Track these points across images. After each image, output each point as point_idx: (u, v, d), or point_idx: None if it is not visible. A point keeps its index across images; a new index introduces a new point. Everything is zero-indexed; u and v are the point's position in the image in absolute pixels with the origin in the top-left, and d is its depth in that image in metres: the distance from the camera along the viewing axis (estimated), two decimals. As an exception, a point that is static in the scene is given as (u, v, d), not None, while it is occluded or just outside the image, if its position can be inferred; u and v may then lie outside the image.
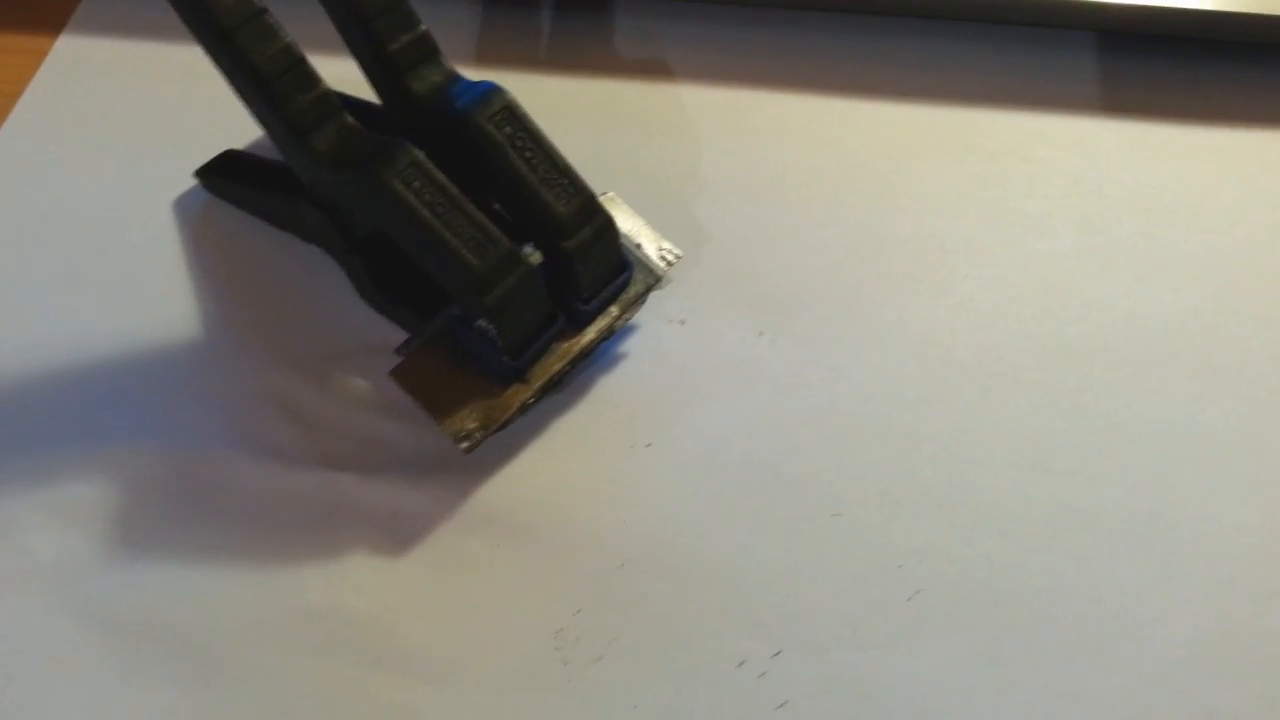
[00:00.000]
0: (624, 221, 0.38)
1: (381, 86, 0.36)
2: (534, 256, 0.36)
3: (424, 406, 0.34)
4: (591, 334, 0.36)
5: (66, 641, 0.33)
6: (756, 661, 0.32)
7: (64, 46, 0.47)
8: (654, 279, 0.38)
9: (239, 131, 0.42)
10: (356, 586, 0.34)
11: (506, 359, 0.34)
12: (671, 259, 0.38)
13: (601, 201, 0.35)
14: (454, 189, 0.33)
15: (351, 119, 0.34)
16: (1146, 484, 0.35)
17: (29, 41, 0.47)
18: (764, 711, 0.32)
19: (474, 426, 0.34)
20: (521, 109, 0.35)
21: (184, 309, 0.39)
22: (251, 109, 0.35)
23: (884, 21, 0.47)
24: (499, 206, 0.36)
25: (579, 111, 0.44)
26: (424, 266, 0.34)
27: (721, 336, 0.38)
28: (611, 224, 0.36)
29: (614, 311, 0.37)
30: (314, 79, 0.34)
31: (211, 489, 0.35)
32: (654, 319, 0.39)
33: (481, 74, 0.36)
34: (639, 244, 0.38)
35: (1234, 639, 0.33)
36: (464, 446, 0.34)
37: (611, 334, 0.37)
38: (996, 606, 0.33)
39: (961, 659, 0.32)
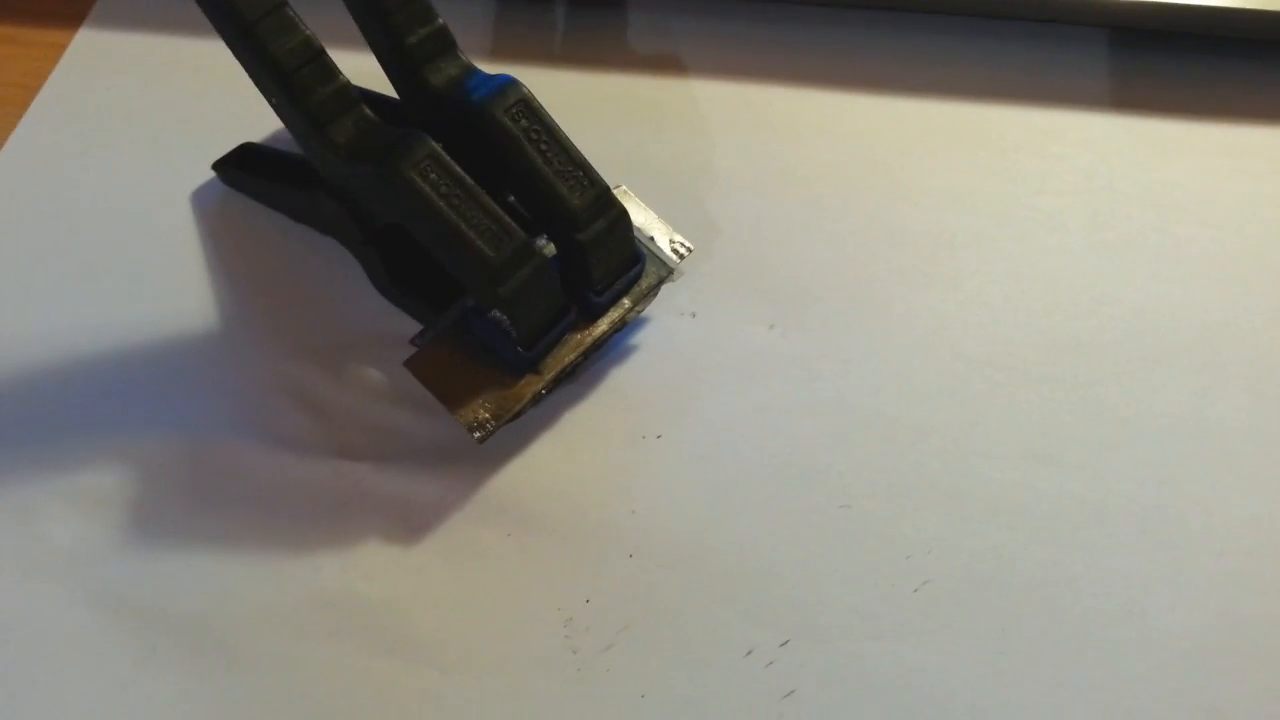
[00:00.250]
0: (637, 214, 0.38)
1: (399, 79, 0.37)
2: (548, 248, 0.36)
3: (437, 397, 0.34)
4: (604, 326, 0.37)
5: (82, 627, 0.33)
6: (765, 651, 0.33)
7: (83, 41, 0.47)
8: (666, 271, 0.38)
9: (256, 124, 0.43)
10: (369, 574, 0.34)
11: (520, 350, 0.35)
12: (684, 252, 0.38)
13: (615, 194, 0.36)
14: (470, 181, 0.33)
15: (369, 112, 0.35)
16: (1154, 477, 0.35)
17: (48, 35, 0.47)
18: (772, 700, 0.32)
19: (487, 417, 0.34)
20: (537, 102, 0.35)
21: (200, 300, 0.40)
22: (271, 101, 0.35)
23: (896, 17, 0.47)
24: (514, 199, 0.36)
25: (593, 105, 0.45)
26: (439, 258, 0.34)
27: (732, 329, 0.39)
28: (625, 216, 0.36)
29: (626, 303, 0.37)
30: (333, 72, 0.34)
31: (226, 477, 0.36)
32: (666, 311, 0.39)
33: (497, 68, 0.36)
34: (651, 237, 0.38)
35: (1240, 631, 0.33)
36: (477, 436, 0.34)
37: (624, 326, 0.37)
38: (1004, 598, 0.33)
39: (969, 650, 0.32)
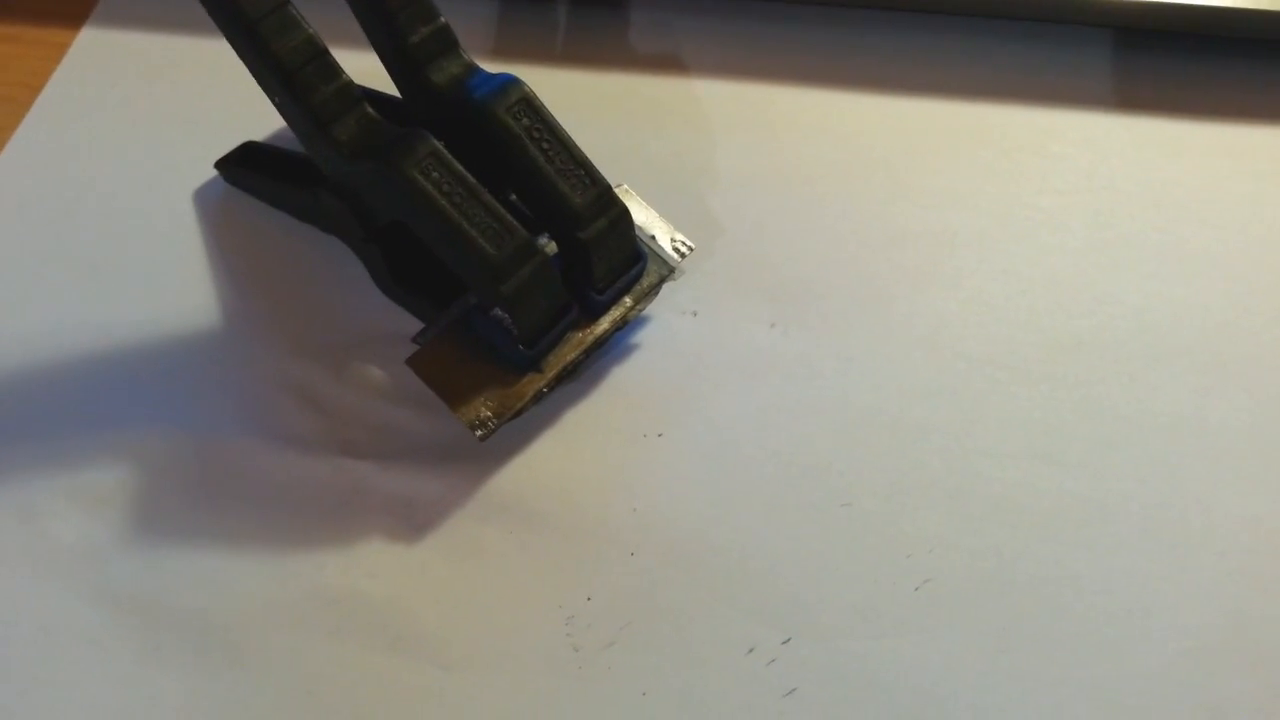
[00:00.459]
0: (638, 213, 0.38)
1: (401, 78, 0.37)
2: (549, 247, 0.36)
3: (440, 395, 0.34)
4: (605, 324, 0.37)
5: (85, 624, 0.33)
6: (766, 649, 0.33)
7: (85, 40, 0.47)
8: (667, 270, 0.38)
9: (258, 123, 0.43)
10: (372, 572, 0.34)
11: (521, 348, 0.35)
12: (685, 250, 0.38)
13: (616, 193, 0.36)
14: (472, 179, 0.33)
15: (372, 110, 0.35)
16: (1155, 476, 0.35)
17: (51, 35, 0.47)
18: (772, 698, 0.32)
19: (489, 415, 0.35)
20: (539, 101, 0.35)
21: (203, 298, 0.40)
22: (273, 99, 0.35)
23: (898, 17, 0.47)
24: (515, 197, 0.36)
25: (595, 104, 0.45)
26: (441, 256, 0.34)
27: (734, 328, 0.39)
28: (626, 215, 0.36)
29: (628, 302, 0.37)
30: (336, 70, 0.34)
31: (229, 475, 0.36)
32: (667, 310, 0.39)
33: (499, 67, 0.36)
34: (653, 235, 0.38)
35: (1242, 630, 0.33)
36: (479, 434, 0.34)
37: (625, 324, 0.37)
38: (1005, 597, 0.33)
39: (969, 648, 0.32)
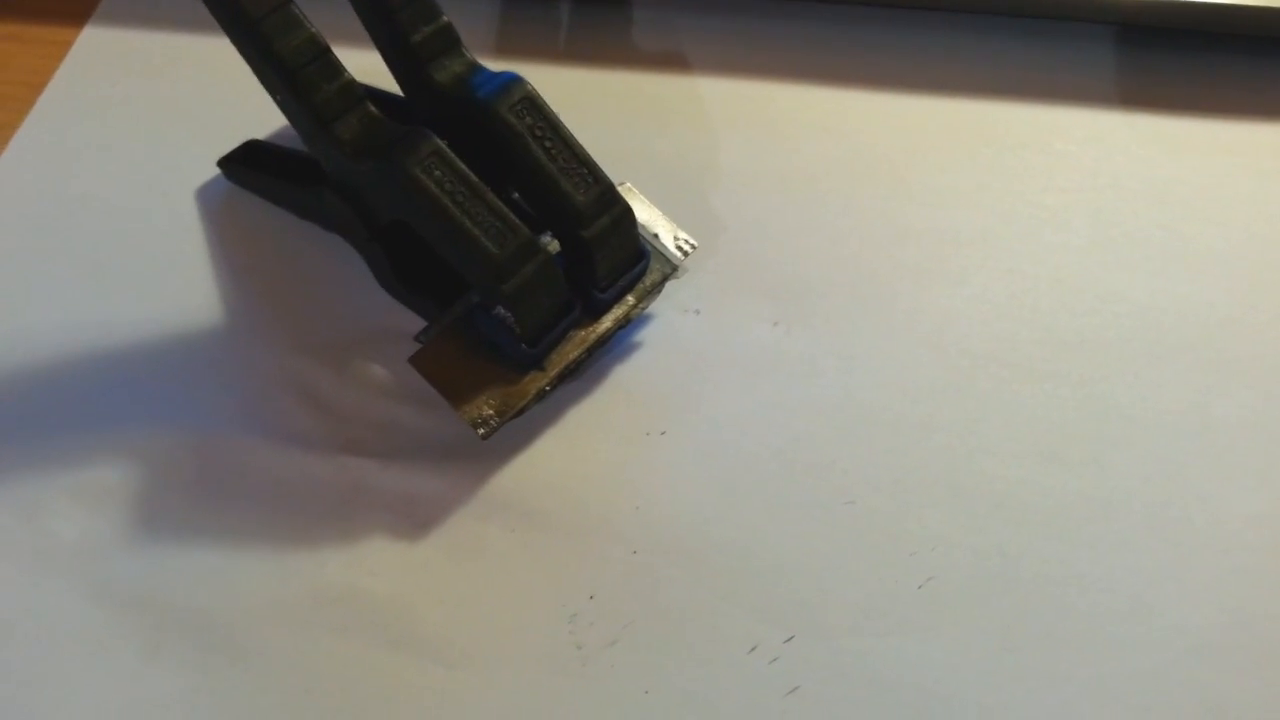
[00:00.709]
0: (641, 211, 0.38)
1: (404, 77, 0.37)
2: (552, 245, 0.36)
3: (442, 393, 0.34)
4: (608, 322, 0.37)
5: (87, 622, 0.33)
6: (768, 647, 0.33)
7: (88, 38, 0.47)
8: (670, 268, 0.38)
9: (261, 121, 0.43)
10: (374, 570, 0.34)
11: (524, 346, 0.35)
12: (688, 249, 0.38)
13: (619, 191, 0.36)
14: (474, 178, 0.33)
15: (374, 108, 0.35)
16: (1159, 474, 0.35)
17: (53, 33, 0.48)
18: (775, 697, 0.32)
19: (491, 413, 0.34)
20: (542, 99, 0.35)
21: (205, 296, 0.40)
22: (276, 98, 0.35)
23: (901, 14, 0.47)
24: (518, 196, 0.36)
25: (597, 103, 0.45)
26: (444, 254, 0.34)
27: (736, 326, 0.39)
28: (629, 213, 0.36)
29: (630, 300, 0.37)
30: (338, 69, 0.34)
31: (232, 473, 0.36)
32: (670, 308, 0.39)
33: (502, 65, 0.36)
34: (656, 234, 0.38)
35: (1245, 629, 0.33)
36: (481, 433, 0.34)
37: (628, 322, 0.37)
38: (1008, 595, 0.33)
39: (972, 646, 0.32)
